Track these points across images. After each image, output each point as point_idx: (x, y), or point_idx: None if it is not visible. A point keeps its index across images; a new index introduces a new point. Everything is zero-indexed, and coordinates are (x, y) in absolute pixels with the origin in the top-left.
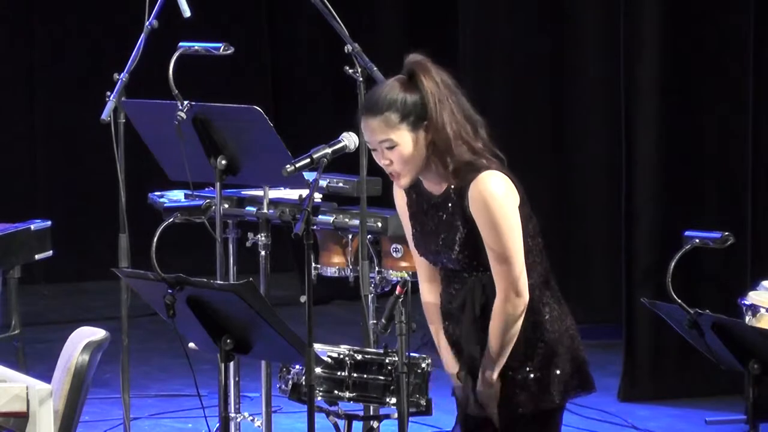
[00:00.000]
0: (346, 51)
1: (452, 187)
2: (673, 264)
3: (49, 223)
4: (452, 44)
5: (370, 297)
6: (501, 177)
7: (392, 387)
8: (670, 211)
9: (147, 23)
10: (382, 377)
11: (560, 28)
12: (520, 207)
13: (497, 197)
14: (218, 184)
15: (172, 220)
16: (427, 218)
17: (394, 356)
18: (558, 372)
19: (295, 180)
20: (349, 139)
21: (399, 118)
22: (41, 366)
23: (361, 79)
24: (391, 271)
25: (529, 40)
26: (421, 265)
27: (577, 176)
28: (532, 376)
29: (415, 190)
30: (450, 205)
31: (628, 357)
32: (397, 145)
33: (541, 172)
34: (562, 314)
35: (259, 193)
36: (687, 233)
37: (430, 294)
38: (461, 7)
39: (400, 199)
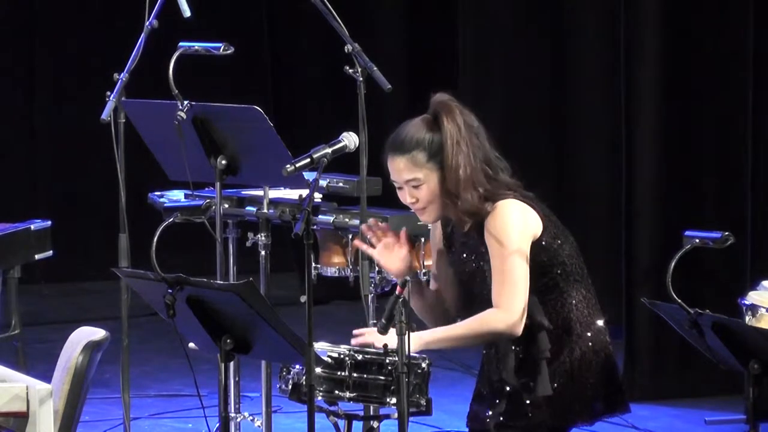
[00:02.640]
0: (346, 51)
1: (476, 222)
2: (673, 264)
3: (49, 223)
4: (452, 44)
5: (370, 297)
6: (516, 203)
7: (392, 387)
8: (670, 211)
9: (147, 23)
10: (382, 377)
11: (560, 29)
12: (544, 235)
13: (508, 223)
14: (218, 184)
15: (172, 220)
16: (461, 252)
17: (394, 356)
18: (586, 398)
19: (295, 180)
20: (349, 139)
21: (426, 157)
22: (41, 366)
23: (361, 79)
24: None
25: (528, 41)
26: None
27: (577, 176)
28: (555, 392)
29: (451, 225)
30: (477, 236)
31: (628, 357)
32: (424, 184)
33: (541, 173)
34: (599, 334)
35: (259, 193)
36: (687, 233)
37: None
38: (461, 8)
39: (437, 230)
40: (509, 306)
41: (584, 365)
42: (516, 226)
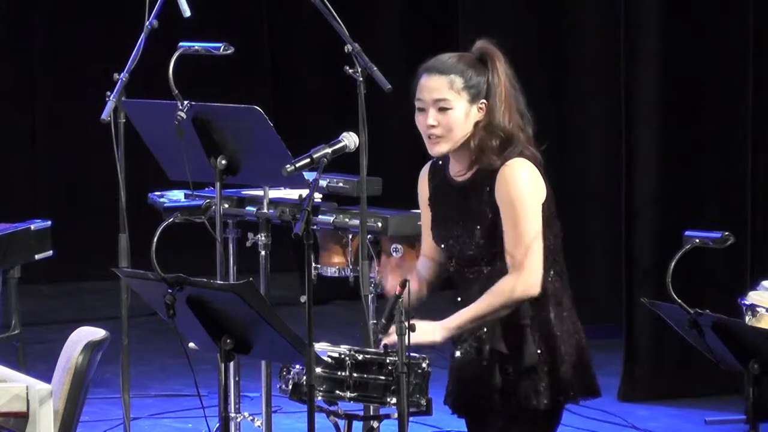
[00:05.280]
0: (346, 51)
1: (482, 171)
2: (673, 264)
3: (49, 223)
4: (452, 45)
5: (370, 297)
6: (530, 166)
7: (392, 387)
8: (670, 211)
9: (147, 23)
10: (382, 377)
11: (560, 28)
12: (546, 203)
13: (521, 182)
14: (218, 184)
15: (172, 220)
16: (449, 206)
17: (394, 356)
18: (561, 373)
19: (295, 180)
20: (349, 139)
21: (462, 85)
22: (41, 366)
23: (361, 79)
24: None
25: (529, 39)
26: (428, 246)
27: (577, 176)
28: (533, 373)
29: (439, 178)
30: (478, 189)
31: (628, 357)
32: (451, 109)
33: (540, 172)
34: (572, 316)
35: (259, 193)
36: (687, 233)
37: (425, 260)
38: (461, 8)
39: (424, 185)
40: (527, 266)
41: (560, 343)
42: (528, 185)
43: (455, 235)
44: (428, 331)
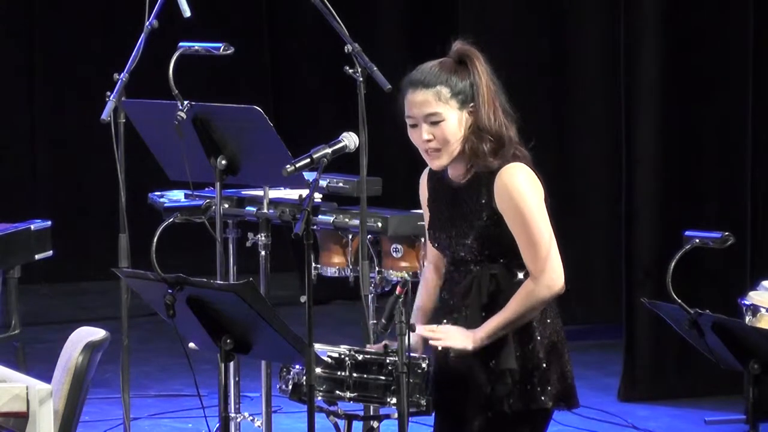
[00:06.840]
0: (346, 51)
1: (480, 173)
2: (673, 264)
3: (49, 223)
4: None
5: (370, 297)
6: (526, 169)
7: (392, 387)
8: (670, 211)
9: (147, 23)
10: (382, 377)
11: (560, 28)
12: (546, 202)
13: (522, 187)
14: (218, 184)
15: (172, 220)
16: (444, 206)
17: (394, 356)
18: (536, 379)
19: (295, 180)
20: (349, 139)
21: (450, 94)
22: (41, 366)
23: (361, 79)
24: (391, 271)
25: (529, 40)
26: (432, 252)
27: (577, 176)
28: (508, 376)
29: (437, 178)
30: (474, 192)
31: (628, 357)
32: (443, 121)
33: (540, 172)
34: (555, 324)
35: (259, 193)
36: (687, 233)
37: (431, 273)
38: (461, 7)
39: (423, 188)
40: (547, 268)
41: (540, 348)
42: (528, 187)
43: (448, 235)
44: (461, 338)
